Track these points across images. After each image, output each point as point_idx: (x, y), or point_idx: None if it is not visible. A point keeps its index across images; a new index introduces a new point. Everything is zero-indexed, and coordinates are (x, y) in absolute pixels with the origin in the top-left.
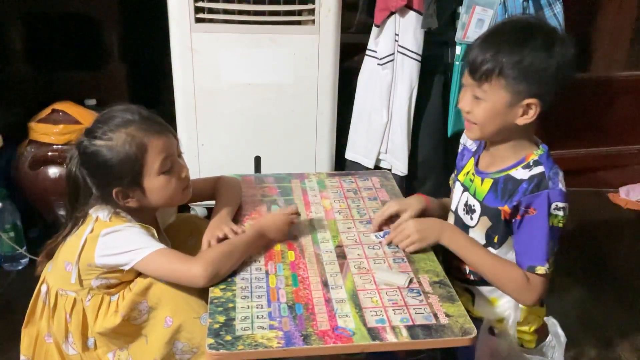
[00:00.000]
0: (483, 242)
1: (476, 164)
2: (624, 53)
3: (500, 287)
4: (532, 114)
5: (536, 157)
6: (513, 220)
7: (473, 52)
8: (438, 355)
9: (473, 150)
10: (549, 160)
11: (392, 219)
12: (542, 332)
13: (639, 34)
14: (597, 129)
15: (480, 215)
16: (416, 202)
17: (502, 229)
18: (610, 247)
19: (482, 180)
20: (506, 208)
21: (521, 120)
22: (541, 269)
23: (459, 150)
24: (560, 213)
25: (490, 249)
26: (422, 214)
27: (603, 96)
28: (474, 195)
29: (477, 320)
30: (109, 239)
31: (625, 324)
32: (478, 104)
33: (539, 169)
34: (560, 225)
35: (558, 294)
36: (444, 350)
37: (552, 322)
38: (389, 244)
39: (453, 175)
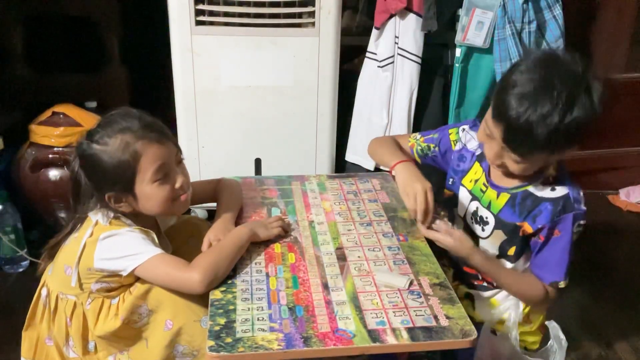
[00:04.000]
0: (496, 253)
1: (488, 174)
2: (623, 55)
3: (523, 300)
4: (566, 154)
5: (554, 173)
6: (534, 239)
7: (510, 115)
8: (438, 356)
9: (477, 153)
10: (567, 178)
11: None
12: (543, 330)
13: (638, 36)
14: (597, 131)
15: (495, 228)
16: None
17: (519, 244)
18: (610, 249)
19: (498, 195)
20: (526, 226)
21: (554, 159)
22: (563, 284)
23: (456, 148)
24: (581, 229)
25: (503, 260)
26: None
27: (603, 98)
28: (487, 208)
29: (478, 324)
30: (107, 244)
31: (625, 325)
32: (514, 163)
33: (563, 190)
34: (576, 237)
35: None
36: (443, 351)
37: (553, 326)
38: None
39: (449, 181)
